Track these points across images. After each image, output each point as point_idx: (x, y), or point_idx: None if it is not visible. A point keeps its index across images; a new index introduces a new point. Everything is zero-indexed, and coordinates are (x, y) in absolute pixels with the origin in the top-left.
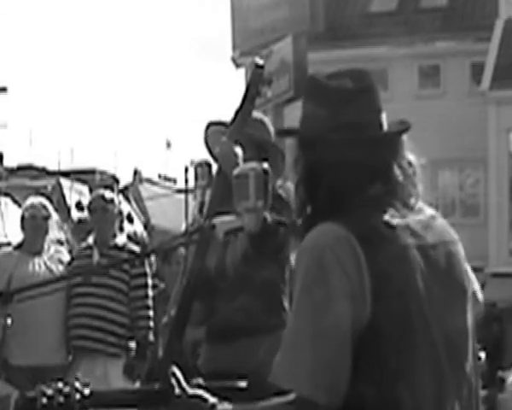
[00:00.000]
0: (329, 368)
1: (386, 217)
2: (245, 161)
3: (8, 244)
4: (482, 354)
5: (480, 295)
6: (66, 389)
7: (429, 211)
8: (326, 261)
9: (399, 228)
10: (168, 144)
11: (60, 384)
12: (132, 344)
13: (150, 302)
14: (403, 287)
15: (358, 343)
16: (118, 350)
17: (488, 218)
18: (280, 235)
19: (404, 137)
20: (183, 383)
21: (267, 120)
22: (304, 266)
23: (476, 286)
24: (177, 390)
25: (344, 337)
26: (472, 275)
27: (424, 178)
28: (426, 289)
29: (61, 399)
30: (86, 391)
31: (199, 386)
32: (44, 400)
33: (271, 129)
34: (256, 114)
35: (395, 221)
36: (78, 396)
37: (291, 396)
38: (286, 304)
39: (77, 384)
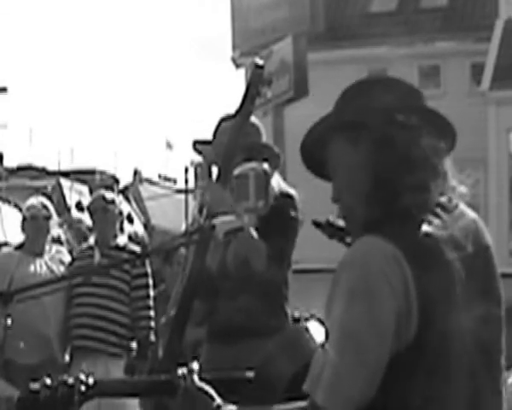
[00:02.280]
0: (366, 387)
1: (430, 228)
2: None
3: (6, 244)
4: None
5: None
6: (70, 381)
7: (470, 214)
8: (374, 280)
9: (443, 241)
10: (169, 146)
11: (64, 376)
12: (133, 344)
13: (151, 302)
14: (446, 306)
15: (395, 358)
16: (119, 350)
17: (488, 218)
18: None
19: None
20: (195, 376)
21: (257, 121)
22: (350, 283)
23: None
24: (182, 382)
25: (385, 357)
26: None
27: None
28: (466, 303)
29: (65, 390)
30: (90, 381)
31: (206, 381)
32: (47, 392)
33: (262, 130)
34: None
35: (439, 233)
36: (82, 388)
37: (302, 404)
38: (287, 307)
39: (81, 376)
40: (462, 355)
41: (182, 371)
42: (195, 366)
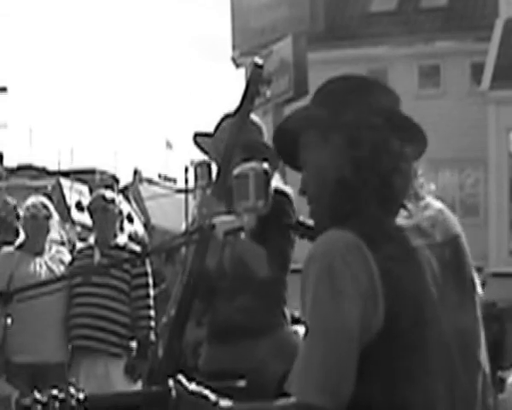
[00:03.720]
0: (337, 375)
1: (394, 218)
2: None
3: (7, 243)
4: None
5: (479, 290)
6: (61, 395)
7: (436, 205)
8: (336, 270)
9: (407, 229)
10: (169, 145)
11: (54, 391)
12: (133, 344)
13: (151, 302)
14: (414, 290)
15: (369, 346)
16: (119, 350)
17: (488, 218)
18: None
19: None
20: (185, 382)
21: (258, 119)
22: (314, 275)
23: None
24: (173, 393)
25: (353, 344)
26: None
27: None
28: (437, 290)
29: (56, 405)
30: (81, 396)
31: (198, 383)
32: (39, 407)
33: (264, 129)
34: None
35: (403, 222)
36: (73, 402)
37: (293, 399)
38: (285, 306)
39: (71, 390)
40: (437, 340)
41: (172, 381)
42: (182, 377)
